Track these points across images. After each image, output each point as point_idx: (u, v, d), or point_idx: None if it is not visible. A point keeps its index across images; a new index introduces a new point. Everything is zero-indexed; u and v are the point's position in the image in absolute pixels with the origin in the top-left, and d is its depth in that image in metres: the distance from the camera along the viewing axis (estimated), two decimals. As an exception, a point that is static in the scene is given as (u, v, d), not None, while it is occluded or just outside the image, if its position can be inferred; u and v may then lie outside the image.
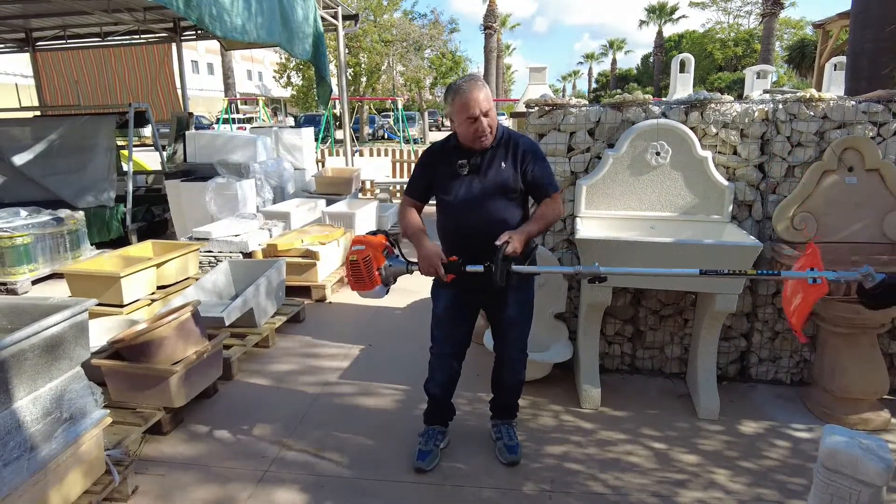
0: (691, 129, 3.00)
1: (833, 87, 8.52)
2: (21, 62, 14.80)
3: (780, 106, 2.97)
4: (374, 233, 2.37)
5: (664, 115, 3.07)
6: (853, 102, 2.92)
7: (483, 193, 2.28)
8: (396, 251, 2.39)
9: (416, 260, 2.31)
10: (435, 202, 2.43)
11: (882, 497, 1.58)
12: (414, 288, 4.47)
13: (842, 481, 1.60)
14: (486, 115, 2.20)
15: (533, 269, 2.30)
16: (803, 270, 2.05)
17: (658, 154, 2.98)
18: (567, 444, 2.67)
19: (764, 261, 3.03)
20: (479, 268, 2.16)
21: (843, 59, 7.49)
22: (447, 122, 2.49)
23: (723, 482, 2.40)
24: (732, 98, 3.08)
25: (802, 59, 27.86)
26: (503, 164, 2.29)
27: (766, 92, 3.73)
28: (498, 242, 2.12)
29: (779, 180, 3.03)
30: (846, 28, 7.88)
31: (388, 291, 2.36)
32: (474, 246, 2.23)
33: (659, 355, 3.34)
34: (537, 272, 2.34)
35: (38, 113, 8.22)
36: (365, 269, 2.24)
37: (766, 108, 2.99)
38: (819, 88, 9.74)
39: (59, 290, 4.79)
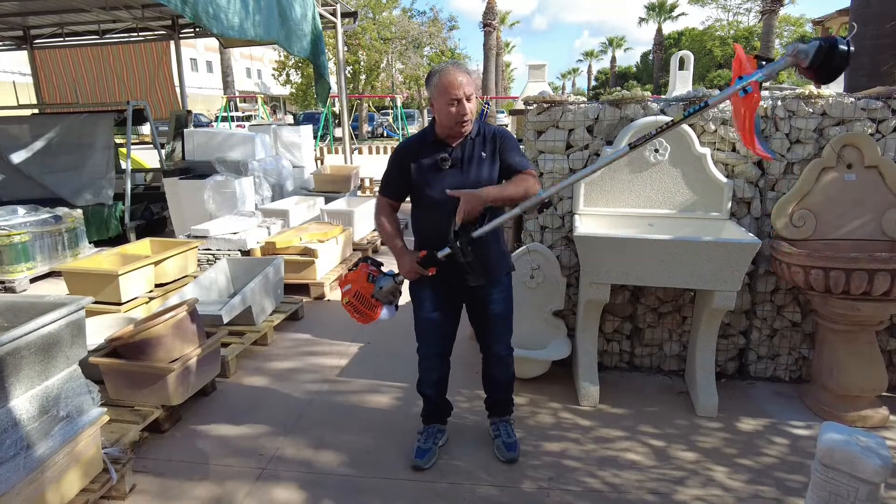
0: (690, 125, 2.99)
1: (833, 84, 8.51)
2: (19, 60, 14.77)
3: (779, 103, 2.97)
4: (357, 264, 2.40)
5: (663, 112, 3.06)
6: (852, 99, 2.91)
7: (468, 185, 2.21)
8: (381, 270, 2.39)
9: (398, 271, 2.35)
10: (411, 199, 2.37)
11: (880, 494, 1.58)
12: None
13: (839, 479, 1.60)
14: (468, 99, 2.16)
15: (489, 226, 2.17)
16: (733, 81, 1.92)
17: (656, 151, 2.97)
18: (565, 441, 2.67)
19: (763, 258, 3.03)
20: (447, 250, 2.16)
21: (842, 56, 7.46)
22: None
23: (721, 479, 2.39)
24: (731, 95, 3.07)
25: (802, 56, 27.77)
26: (483, 154, 2.25)
27: (764, 89, 3.73)
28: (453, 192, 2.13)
29: (778, 177, 3.02)
30: (845, 25, 7.87)
31: (397, 308, 2.37)
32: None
33: (657, 352, 3.34)
34: (494, 227, 2.18)
35: (36, 111, 8.21)
36: (360, 305, 2.31)
37: (765, 105, 2.98)
38: (818, 85, 9.72)
39: (57, 289, 4.79)
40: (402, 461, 2.53)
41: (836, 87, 7.44)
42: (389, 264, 2.36)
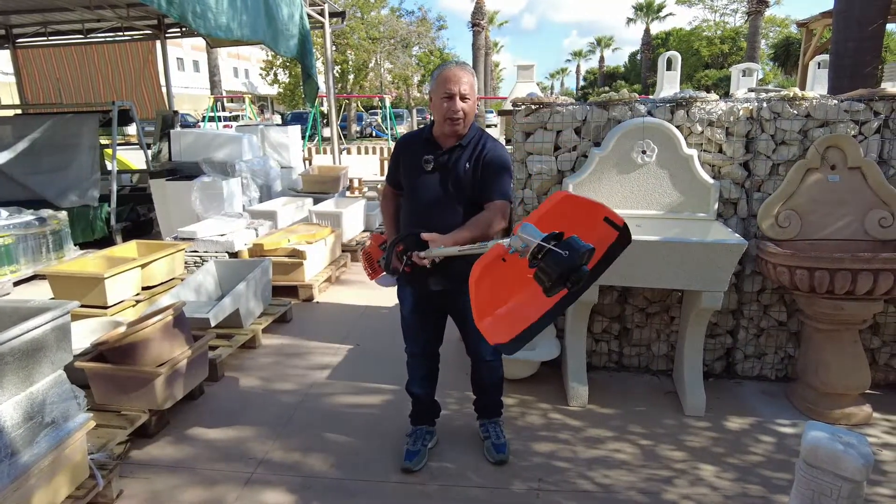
0: (677, 127, 3.01)
1: (817, 84, 8.62)
2: (1, 59, 14.55)
3: (765, 104, 3.00)
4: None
5: (650, 113, 3.08)
6: (835, 101, 2.95)
7: (444, 194, 2.21)
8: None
9: None
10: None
11: (862, 491, 1.60)
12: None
13: (823, 477, 1.62)
14: (463, 99, 2.14)
15: (444, 252, 2.01)
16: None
17: (644, 152, 2.99)
18: (555, 441, 2.68)
19: (749, 258, 3.06)
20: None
21: (826, 57, 7.57)
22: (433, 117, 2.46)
23: (709, 478, 2.42)
24: (717, 97, 3.10)
25: (787, 56, 28.15)
26: (467, 165, 2.20)
27: (750, 90, 3.77)
28: (425, 236, 2.05)
29: (763, 178, 3.06)
30: (829, 27, 7.97)
31: (398, 280, 2.43)
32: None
33: (646, 353, 3.36)
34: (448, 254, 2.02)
35: (19, 111, 8.10)
36: (367, 263, 2.53)
37: (751, 107, 3.01)
38: (803, 86, 9.85)
39: (41, 292, 4.73)
40: (392, 463, 2.52)
41: (819, 90, 7.53)
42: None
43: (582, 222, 1.71)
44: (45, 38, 9.18)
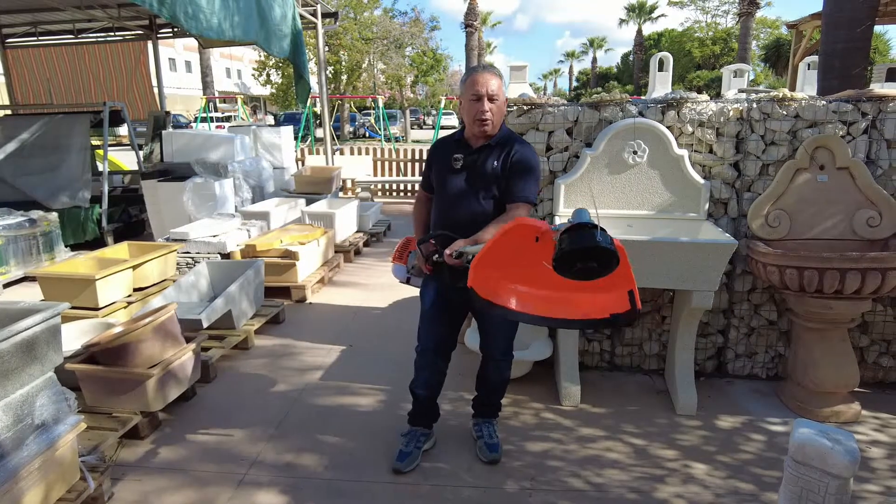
0: (668, 127, 3.03)
1: (807, 85, 8.68)
2: (-9, 59, 14.40)
3: (755, 105, 3.02)
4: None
5: (641, 114, 3.10)
6: (824, 102, 2.97)
7: (472, 191, 2.28)
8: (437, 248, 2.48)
9: None
10: None
11: (849, 488, 1.62)
12: (395, 285, 4.45)
13: (811, 474, 1.64)
14: (491, 99, 2.22)
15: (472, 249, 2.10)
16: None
17: (635, 153, 3.01)
18: (547, 441, 2.69)
19: (740, 258, 3.09)
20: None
21: (816, 58, 7.63)
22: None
23: (700, 476, 2.43)
24: (708, 97, 3.13)
25: (778, 58, 28.36)
26: (495, 163, 2.27)
27: (741, 91, 3.79)
28: (448, 251, 2.11)
29: (753, 178, 3.08)
30: (819, 28, 8.04)
31: (408, 281, 2.52)
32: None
33: (637, 352, 3.38)
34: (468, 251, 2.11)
35: (8, 111, 8.04)
36: (398, 249, 2.60)
37: (741, 108, 3.04)
38: (794, 87, 9.92)
39: (32, 294, 4.70)
40: (385, 464, 2.52)
41: (809, 90, 7.59)
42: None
43: (612, 277, 1.84)
44: (36, 38, 9.11)
